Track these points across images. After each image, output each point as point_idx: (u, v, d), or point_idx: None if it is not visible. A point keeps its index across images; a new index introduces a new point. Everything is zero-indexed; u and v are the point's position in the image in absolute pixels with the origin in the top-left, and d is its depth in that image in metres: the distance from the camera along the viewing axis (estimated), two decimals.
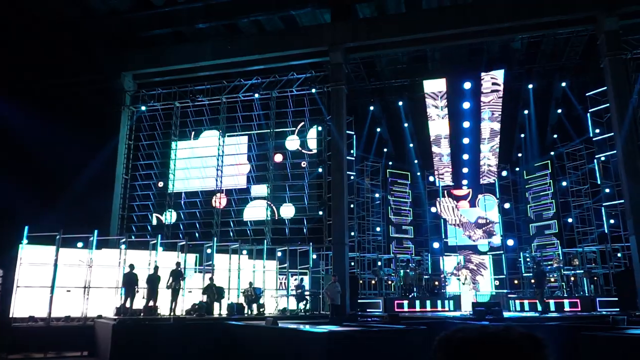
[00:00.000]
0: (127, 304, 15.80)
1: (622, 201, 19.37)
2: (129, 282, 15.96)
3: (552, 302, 20.14)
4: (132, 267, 16.29)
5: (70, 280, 16.05)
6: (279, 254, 20.65)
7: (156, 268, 16.70)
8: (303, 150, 23.66)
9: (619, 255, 21.57)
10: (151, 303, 16.09)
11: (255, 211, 23.74)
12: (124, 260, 17.17)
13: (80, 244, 17.80)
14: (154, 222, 24.39)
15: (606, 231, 21.88)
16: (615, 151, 19.62)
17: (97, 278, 16.64)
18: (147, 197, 24.47)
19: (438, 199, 28.12)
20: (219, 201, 23.76)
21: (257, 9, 22.02)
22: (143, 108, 24.54)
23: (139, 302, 16.28)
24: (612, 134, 19.67)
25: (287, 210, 23.34)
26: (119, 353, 10.69)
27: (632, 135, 18.86)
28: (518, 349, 1.10)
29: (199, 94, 23.96)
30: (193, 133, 24.89)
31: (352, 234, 24.27)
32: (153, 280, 16.23)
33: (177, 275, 16.77)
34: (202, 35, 23.76)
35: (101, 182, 22.68)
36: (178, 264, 17.23)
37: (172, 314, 16.21)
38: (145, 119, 24.92)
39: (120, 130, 24.21)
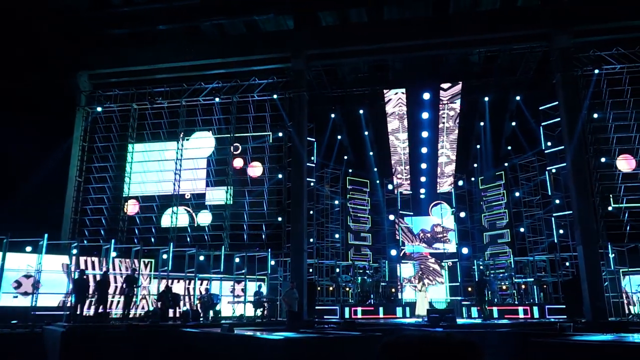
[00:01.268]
0: (78, 311, 15.29)
1: (571, 212, 20.14)
2: (80, 287, 15.46)
3: (495, 309, 20.91)
4: (82, 272, 15.80)
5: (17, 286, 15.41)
6: (237, 260, 20.47)
7: (105, 273, 16.26)
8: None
9: (567, 264, 22.37)
10: (101, 309, 15.63)
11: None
12: (74, 265, 16.65)
13: (29, 248, 17.15)
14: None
15: (556, 241, 22.67)
16: (565, 164, 20.40)
17: (47, 284, 16.05)
18: (100, 201, 23.79)
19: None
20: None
21: (220, 12, 21.87)
22: (99, 109, 23.90)
23: (90, 309, 15.81)
24: (563, 147, 20.45)
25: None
26: None
27: (581, 149, 19.69)
28: (457, 355, 1.14)
29: (158, 96, 23.54)
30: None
31: (311, 240, 24.29)
32: (102, 285, 15.77)
33: (132, 281, 16.37)
34: (163, 37, 23.39)
35: (53, 184, 21.92)
36: (133, 269, 16.83)
37: (125, 320, 15.78)
38: (101, 121, 24.28)
39: (75, 131, 23.49)
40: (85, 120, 24.02)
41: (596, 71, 20.73)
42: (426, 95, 25.67)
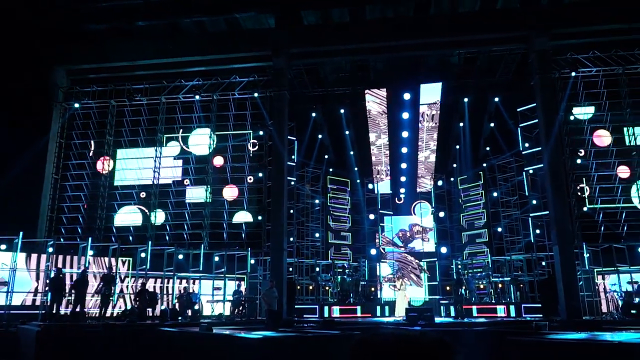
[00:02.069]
0: (54, 310, 15.04)
1: (547, 212, 20.48)
2: (56, 286, 15.21)
3: (473, 307, 21.15)
4: (59, 271, 15.55)
5: None
6: (217, 258, 20.36)
7: (84, 272, 16.02)
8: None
9: (543, 263, 22.73)
10: (78, 308, 15.40)
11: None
12: (51, 263, 16.38)
13: (3, 246, 16.83)
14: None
15: (532, 241, 23.03)
16: (542, 165, 20.73)
17: (22, 282, 15.76)
18: (78, 199, 23.40)
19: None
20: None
21: (201, 10, 21.66)
22: (76, 105, 23.50)
23: (67, 308, 15.57)
24: (540, 148, 20.78)
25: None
26: None
27: (558, 150, 20.03)
28: (430, 353, 1.15)
29: (137, 93, 23.25)
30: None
31: (291, 239, 24.27)
32: (80, 284, 15.54)
33: (109, 280, 16.17)
34: (143, 33, 23.06)
35: (29, 181, 21.49)
36: (110, 268, 16.62)
37: (101, 320, 15.57)
38: (79, 117, 23.88)
39: (51, 128, 23.06)
40: (62, 116, 23.60)
41: (573, 74, 21.11)
42: (407, 96, 25.83)
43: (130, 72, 22.96)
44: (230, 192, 23.08)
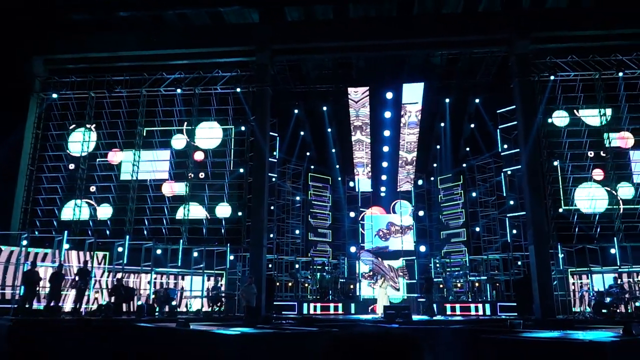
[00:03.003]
0: (27, 304, 14.79)
1: (524, 213, 20.81)
2: (30, 280, 14.95)
3: (448, 306, 21.50)
4: (33, 264, 15.29)
5: None
6: (195, 254, 20.23)
7: (60, 265, 15.78)
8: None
9: (519, 263, 23.09)
10: (53, 303, 15.17)
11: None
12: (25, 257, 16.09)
13: None
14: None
15: (509, 240, 23.38)
16: (520, 166, 21.04)
17: None
18: (54, 191, 23.01)
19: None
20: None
21: (184, 2, 21.44)
22: (54, 96, 23.08)
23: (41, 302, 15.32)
24: (519, 149, 21.09)
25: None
26: (16, 357, 9.97)
27: (536, 152, 20.37)
28: (397, 349, 1.17)
29: (117, 85, 22.92)
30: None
31: (271, 236, 24.23)
32: (56, 279, 15.31)
33: (84, 274, 15.95)
34: (124, 25, 22.72)
35: (3, 172, 21.07)
36: (86, 262, 16.40)
37: (76, 314, 15.36)
38: (56, 108, 23.46)
39: (28, 118, 22.60)
40: (40, 106, 23.16)
41: (552, 77, 21.48)
42: (389, 95, 25.94)
43: (110, 63, 22.62)
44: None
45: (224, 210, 22.66)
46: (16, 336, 10.12)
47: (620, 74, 21.19)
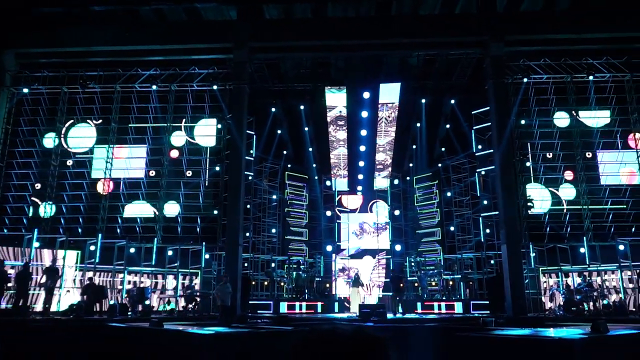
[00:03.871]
0: None
1: (497, 213, 21.15)
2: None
3: (419, 304, 21.86)
4: (1, 263, 14.91)
5: None
6: (170, 252, 20.00)
7: (27, 264, 15.44)
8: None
9: (492, 262, 23.47)
10: (21, 302, 14.82)
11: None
12: None
13: None
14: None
15: (482, 240, 23.74)
16: (493, 166, 21.37)
17: None
18: (24, 188, 22.48)
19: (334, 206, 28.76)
20: (107, 184, 22.51)
21: None
22: (25, 90, 22.54)
23: (8, 302, 14.96)
24: (492, 150, 21.42)
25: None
26: None
27: (509, 153, 20.71)
28: (364, 348, 1.19)
29: (91, 80, 22.50)
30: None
31: (247, 234, 24.12)
32: (23, 278, 14.96)
33: (53, 273, 15.63)
34: (99, 19, 22.26)
35: None
36: (54, 260, 16.07)
37: (46, 315, 15.05)
38: (28, 103, 22.93)
39: None
40: (10, 101, 22.58)
41: (525, 80, 21.88)
42: (366, 94, 26.05)
43: (84, 58, 22.19)
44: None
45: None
46: None
47: (591, 77, 21.72)
